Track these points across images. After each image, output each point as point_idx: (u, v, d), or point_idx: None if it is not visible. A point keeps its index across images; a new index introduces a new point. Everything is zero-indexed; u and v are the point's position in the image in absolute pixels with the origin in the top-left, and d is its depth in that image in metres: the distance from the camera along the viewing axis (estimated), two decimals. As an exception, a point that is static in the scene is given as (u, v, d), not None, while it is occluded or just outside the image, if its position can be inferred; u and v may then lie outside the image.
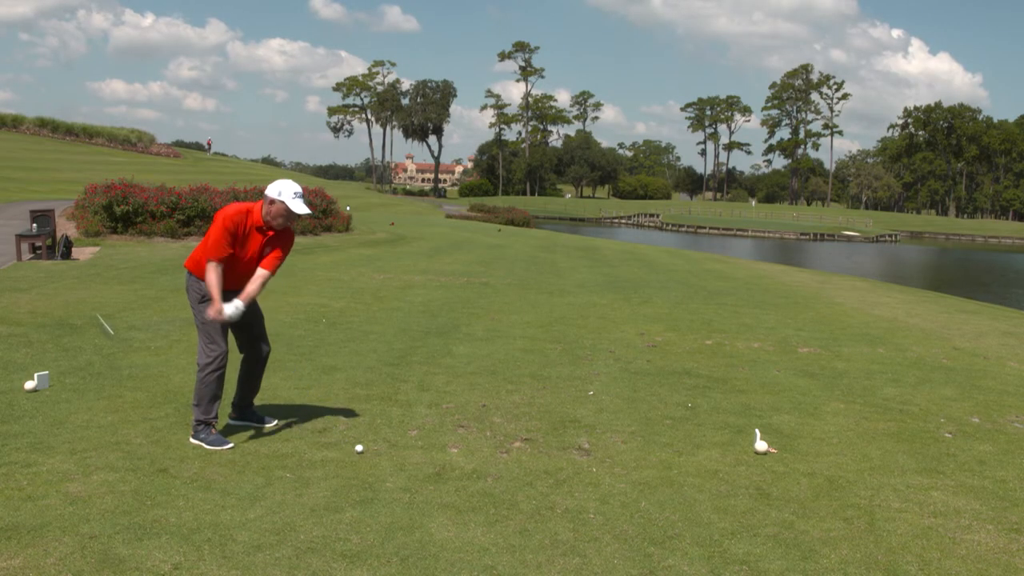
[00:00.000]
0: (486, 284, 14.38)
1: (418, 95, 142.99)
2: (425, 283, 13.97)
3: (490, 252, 22.14)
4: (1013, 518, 4.74)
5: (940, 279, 40.95)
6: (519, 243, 26.98)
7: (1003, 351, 10.38)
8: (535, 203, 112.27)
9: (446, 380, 7.17)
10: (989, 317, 14.53)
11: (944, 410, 7.05)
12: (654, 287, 15.55)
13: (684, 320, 11.32)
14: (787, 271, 24.25)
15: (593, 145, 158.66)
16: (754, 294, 15.42)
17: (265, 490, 4.63)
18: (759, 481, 5.11)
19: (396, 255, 19.33)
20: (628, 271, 19.10)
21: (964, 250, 78.85)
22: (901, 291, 20.13)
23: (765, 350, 9.36)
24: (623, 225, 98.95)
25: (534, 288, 14.20)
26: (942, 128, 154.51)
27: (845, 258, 56.12)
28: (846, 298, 15.88)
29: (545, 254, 22.91)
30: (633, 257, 24.29)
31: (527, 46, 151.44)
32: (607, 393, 7.01)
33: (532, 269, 17.95)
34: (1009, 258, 66.32)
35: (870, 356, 9.34)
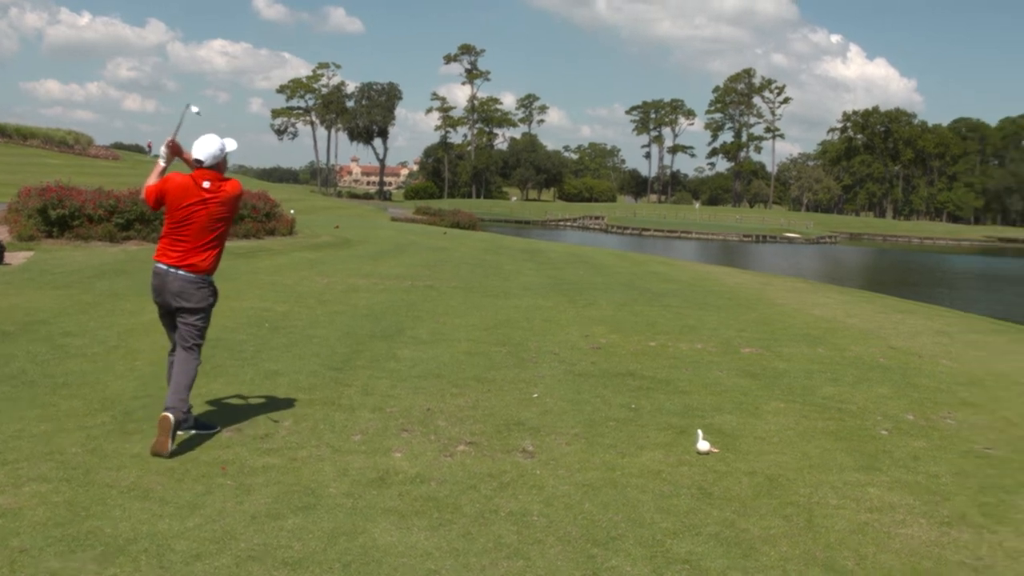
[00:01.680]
0: (431, 287, 14.33)
1: (363, 97, 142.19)
2: (369, 286, 13.89)
3: (435, 255, 22.08)
4: (944, 512, 4.85)
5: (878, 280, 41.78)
6: (464, 246, 26.95)
7: (936, 349, 10.62)
8: (481, 206, 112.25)
9: (390, 384, 7.13)
10: (923, 316, 14.85)
11: (881, 408, 7.19)
12: (599, 289, 15.62)
13: (628, 322, 11.40)
14: (730, 273, 24.54)
15: (539, 148, 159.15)
16: (698, 295, 15.58)
17: (205, 498, 4.56)
18: (701, 481, 5.16)
19: (340, 258, 19.18)
20: (573, 273, 19.17)
21: (901, 251, 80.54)
22: (840, 292, 20.48)
23: (708, 351, 9.46)
24: (568, 227, 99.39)
25: (479, 291, 14.18)
26: (879, 132, 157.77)
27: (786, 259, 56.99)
28: (787, 299, 16.12)
29: (490, 257, 22.91)
30: (578, 259, 24.39)
31: (473, 49, 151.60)
32: (551, 395, 7.02)
33: (477, 272, 17.94)
34: (942, 259, 67.88)
35: (810, 356, 9.49)
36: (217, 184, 5.55)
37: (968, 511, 4.89)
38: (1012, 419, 7.11)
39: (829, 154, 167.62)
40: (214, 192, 5.52)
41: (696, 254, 54.48)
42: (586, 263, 23.03)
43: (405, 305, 11.91)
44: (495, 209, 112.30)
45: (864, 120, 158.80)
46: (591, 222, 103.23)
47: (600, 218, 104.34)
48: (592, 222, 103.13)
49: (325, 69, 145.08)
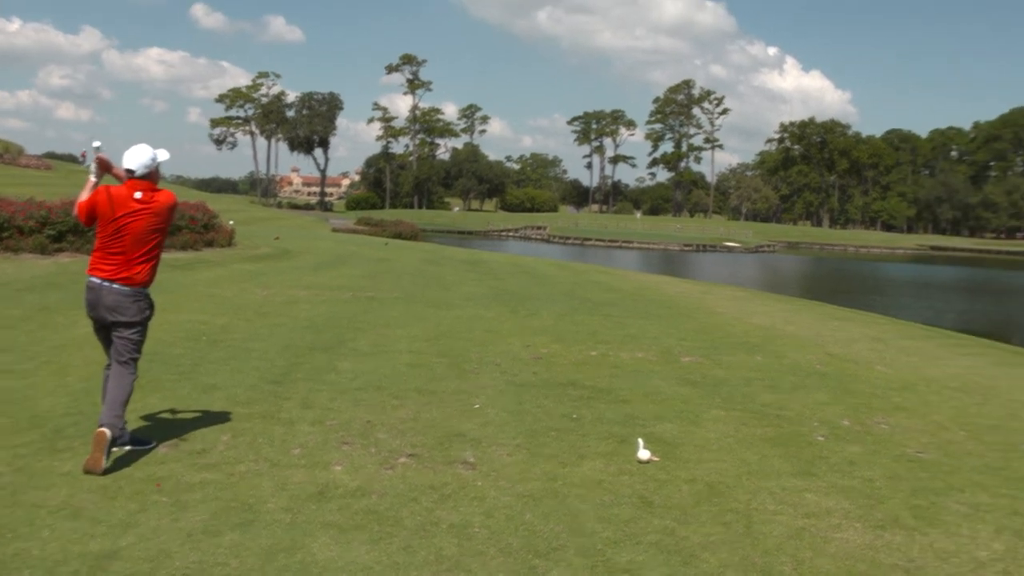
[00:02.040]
0: (372, 298, 14.25)
1: (304, 107, 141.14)
2: (310, 298, 13.76)
3: (377, 266, 21.97)
4: (879, 515, 4.95)
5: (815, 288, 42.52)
6: (406, 256, 26.86)
7: (871, 356, 10.84)
8: (423, 216, 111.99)
9: (330, 397, 7.07)
10: (859, 324, 15.16)
11: (817, 414, 7.31)
12: (541, 299, 15.67)
13: (570, 332, 11.44)
14: (671, 282, 24.79)
15: (481, 158, 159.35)
16: (639, 305, 15.71)
17: (139, 516, 4.47)
18: (642, 489, 5.19)
19: (280, 270, 18.99)
20: (515, 283, 19.21)
21: (837, 259, 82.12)
22: (778, 300, 20.82)
23: (649, 360, 9.53)
24: (511, 238, 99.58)
25: (421, 302, 14.14)
26: (816, 143, 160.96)
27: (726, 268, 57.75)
28: (727, 307, 16.33)
29: (432, 267, 22.86)
30: (520, 270, 24.46)
31: (414, 59, 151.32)
32: (493, 406, 7.02)
33: (419, 282, 17.88)
34: (876, 267, 69.35)
35: (749, 364, 9.62)
36: (149, 195, 5.45)
37: (901, 514, 4.99)
38: (942, 423, 7.29)
39: (767, 164, 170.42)
40: (146, 203, 5.42)
41: (638, 264, 54.96)
42: (528, 273, 23.10)
43: (346, 317, 11.82)
44: (437, 220, 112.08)
45: (801, 131, 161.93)
46: (533, 232, 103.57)
47: (542, 228, 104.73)
48: (534, 232, 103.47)
49: (265, 79, 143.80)
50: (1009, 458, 6.31)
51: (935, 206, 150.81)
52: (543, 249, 70.81)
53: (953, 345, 13.30)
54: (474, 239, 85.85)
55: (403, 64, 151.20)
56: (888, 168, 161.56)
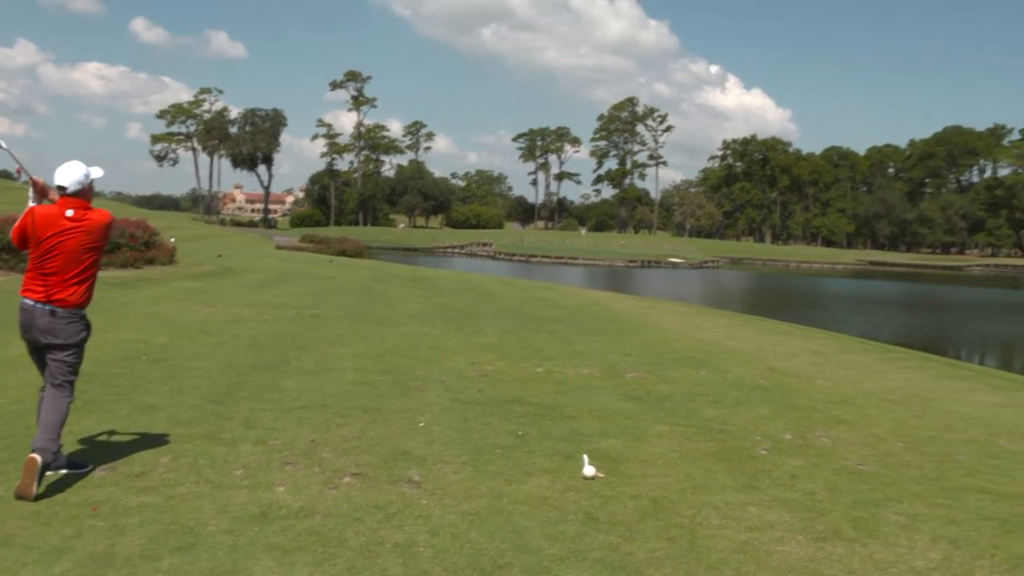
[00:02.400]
0: (317, 316, 14.15)
1: (247, 123, 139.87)
2: (253, 316, 13.62)
3: (321, 283, 21.81)
4: (820, 527, 5.03)
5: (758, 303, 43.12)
6: (351, 274, 26.71)
7: (812, 370, 11.02)
8: (368, 233, 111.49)
9: (274, 416, 6.99)
10: (800, 338, 15.41)
11: (760, 428, 7.41)
12: (486, 316, 15.68)
13: (515, 348, 11.46)
14: (616, 298, 24.97)
15: (426, 175, 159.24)
16: (584, 321, 15.79)
17: (74, 542, 4.36)
18: (587, 506, 5.21)
19: (223, 288, 18.76)
20: (460, 300, 19.21)
21: (779, 275, 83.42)
22: (722, 315, 21.07)
23: (594, 376, 9.59)
24: (456, 255, 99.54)
25: (366, 319, 14.07)
26: (757, 160, 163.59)
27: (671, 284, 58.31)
28: (671, 323, 16.49)
29: (377, 284, 22.76)
30: (466, 286, 24.46)
31: (359, 75, 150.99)
32: (438, 424, 7.00)
33: (364, 300, 17.79)
34: (817, 282, 70.54)
35: (693, 379, 9.72)
36: (82, 213, 5.32)
37: (841, 526, 5.07)
38: (881, 435, 7.43)
39: (710, 181, 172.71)
40: (78, 221, 5.29)
41: (583, 280, 55.26)
42: (473, 290, 23.10)
43: (290, 335, 11.71)
44: (382, 237, 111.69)
45: (743, 148, 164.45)
46: (479, 249, 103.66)
47: (488, 245, 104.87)
48: (480, 249, 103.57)
49: (207, 94, 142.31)
50: (945, 468, 6.45)
51: (873, 222, 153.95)
52: (489, 266, 70.88)
53: (892, 359, 13.57)
54: (419, 256, 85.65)
55: (348, 80, 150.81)
56: (828, 185, 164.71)
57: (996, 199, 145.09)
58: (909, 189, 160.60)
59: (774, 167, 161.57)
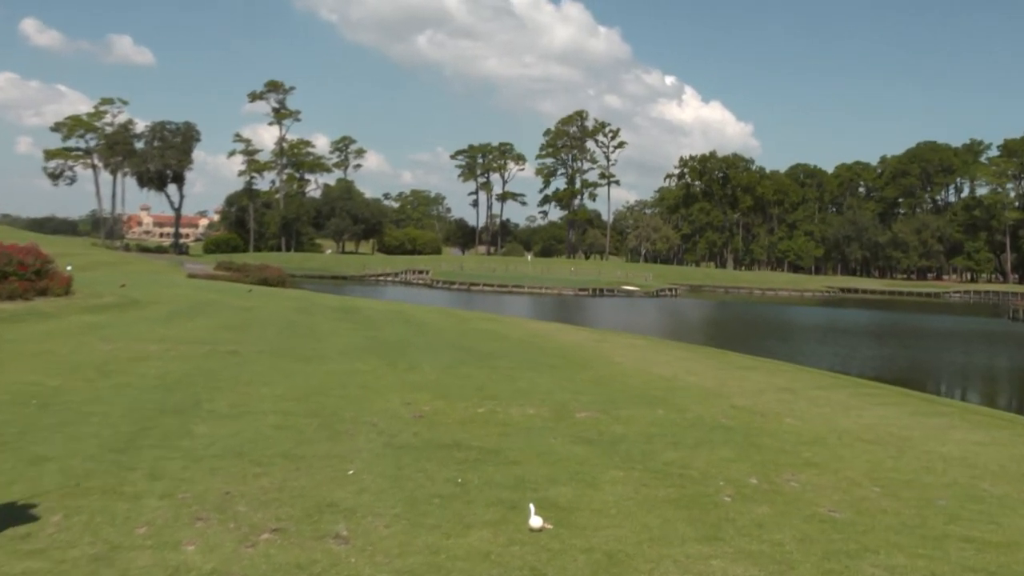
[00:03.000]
0: (234, 352, 13.98)
1: (155, 138, 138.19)
2: (161, 353, 13.40)
3: (239, 316, 21.58)
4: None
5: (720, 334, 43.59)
6: (272, 305, 26.47)
7: (779, 407, 11.14)
8: (291, 260, 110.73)
9: (183, 465, 6.85)
10: (766, 372, 15.58)
11: (723, 472, 7.45)
12: (422, 351, 15.64)
13: (454, 386, 11.43)
14: (564, 330, 25.06)
15: (356, 195, 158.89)
16: (530, 355, 15.81)
17: (-50, 613, 4.22)
18: (533, 561, 5.17)
19: (127, 322, 18.45)
20: (394, 333, 19.13)
21: (743, 303, 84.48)
22: (680, 348, 21.25)
23: (541, 416, 9.58)
24: (389, 283, 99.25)
25: (289, 355, 13.94)
26: (717, 178, 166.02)
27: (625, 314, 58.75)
28: (625, 357, 16.57)
29: (302, 317, 22.59)
30: (400, 318, 24.37)
31: (281, 86, 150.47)
32: (369, 472, 6.92)
33: (287, 334, 17.64)
34: (783, 311, 71.62)
35: (649, 418, 9.76)
36: None
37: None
38: (855, 478, 7.51)
39: (667, 201, 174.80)
40: None
41: (529, 310, 55.39)
42: (408, 322, 23.03)
43: (203, 374, 11.55)
44: (307, 263, 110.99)
45: (701, 166, 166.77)
46: (414, 277, 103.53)
47: (424, 272, 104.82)
48: (415, 277, 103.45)
49: (109, 105, 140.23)
50: (925, 515, 6.53)
51: (844, 245, 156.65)
52: (425, 295, 70.74)
53: (865, 394, 13.78)
54: (349, 285, 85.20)
55: (268, 91, 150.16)
56: (794, 205, 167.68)
57: (974, 220, 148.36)
58: (881, 210, 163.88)
59: (735, 186, 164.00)
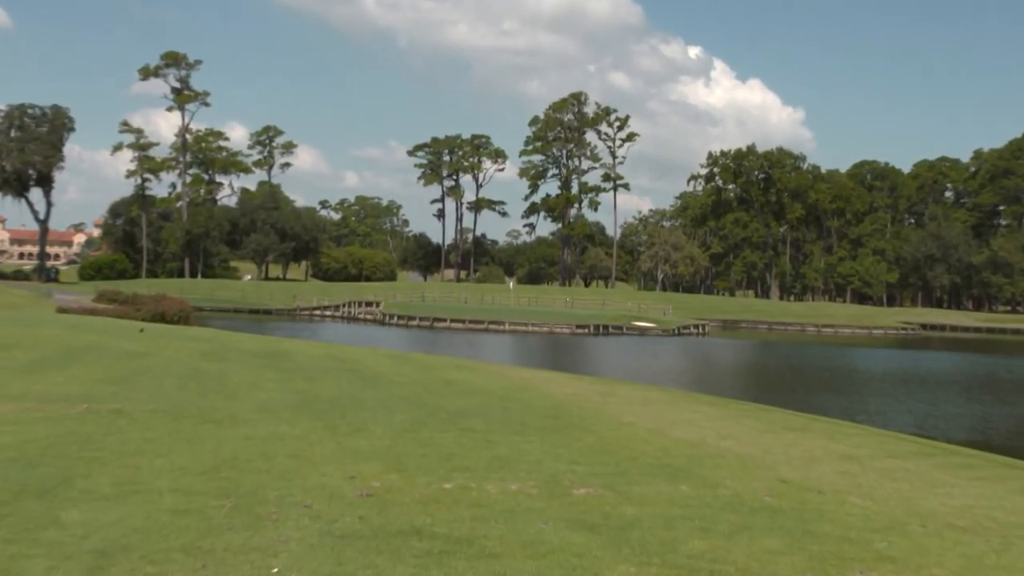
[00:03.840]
0: (119, 412, 13.91)
1: (12, 126, 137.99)
2: (19, 416, 13.31)
3: (127, 364, 21.50)
4: None
5: (761, 385, 43.65)
6: (172, 349, 26.38)
7: (842, 482, 11.12)
8: (198, 289, 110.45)
9: (48, 566, 6.80)
10: (823, 436, 15.59)
11: (768, 568, 7.42)
12: (371, 408, 15.59)
13: (414, 455, 11.39)
14: (558, 379, 25.02)
15: (283, 204, 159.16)
16: (513, 414, 15.77)
17: None
18: None
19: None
20: (334, 386, 19.08)
21: (791, 344, 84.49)
22: (711, 403, 21.25)
23: (527, 494, 9.54)
24: (328, 319, 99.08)
25: (193, 416, 13.88)
26: (758, 180, 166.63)
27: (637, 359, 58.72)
28: (638, 415, 16.55)
29: (212, 364, 22.52)
30: (342, 366, 24.32)
31: (183, 59, 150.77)
32: (300, 570, 6.89)
33: (191, 387, 17.57)
34: (845, 354, 71.76)
35: (670, 496, 9.73)
36: None
37: None
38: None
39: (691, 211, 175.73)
40: None
41: (512, 354, 55.39)
42: (353, 371, 22.98)
43: (77, 441, 11.47)
44: (219, 293, 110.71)
45: (737, 164, 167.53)
46: (361, 311, 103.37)
47: (374, 304, 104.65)
48: (362, 311, 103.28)
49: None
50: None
51: (925, 268, 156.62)
52: (375, 335, 70.62)
53: (957, 465, 13.79)
54: (275, 321, 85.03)
55: (166, 66, 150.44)
56: (859, 216, 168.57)
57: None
58: (975, 221, 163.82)
59: (781, 191, 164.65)
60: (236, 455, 11.04)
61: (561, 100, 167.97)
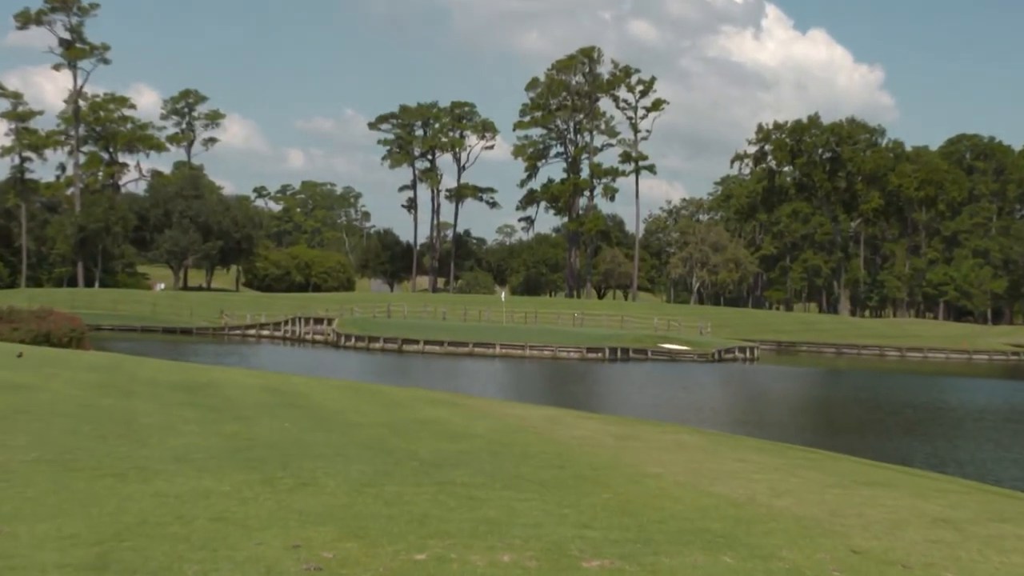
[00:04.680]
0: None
1: None
2: None
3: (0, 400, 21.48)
4: None
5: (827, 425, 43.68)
6: (61, 380, 26.34)
7: (934, 553, 11.12)
8: (96, 301, 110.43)
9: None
10: (910, 492, 15.58)
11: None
12: (322, 456, 15.59)
13: (377, 517, 11.38)
14: (563, 418, 25.03)
15: (208, 191, 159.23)
16: (505, 463, 15.78)
17: None
18: None
19: None
20: (274, 428, 19.08)
21: (865, 373, 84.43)
22: (762, 449, 21.26)
23: (524, 567, 9.54)
24: (267, 340, 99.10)
25: (88, 467, 13.86)
26: (822, 161, 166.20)
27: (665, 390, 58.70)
28: (667, 464, 16.56)
29: (113, 400, 22.50)
30: (284, 401, 24.32)
31: (75, 1, 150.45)
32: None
33: (86, 430, 17.54)
34: (937, 386, 71.75)
35: (708, 570, 9.73)
36: None
37: None
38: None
39: (736, 201, 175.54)
40: None
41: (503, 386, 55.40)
42: (299, 408, 22.99)
43: (-65, 501, 11.46)
44: (124, 308, 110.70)
45: (795, 141, 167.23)
46: (309, 329, 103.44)
47: (325, 322, 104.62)
48: (311, 329, 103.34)
49: None
50: None
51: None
52: (328, 361, 70.62)
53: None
54: (196, 343, 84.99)
55: (52, 10, 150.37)
56: (956, 206, 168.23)
57: None
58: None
59: (853, 174, 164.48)
60: (144, 518, 11.02)
61: (567, 58, 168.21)
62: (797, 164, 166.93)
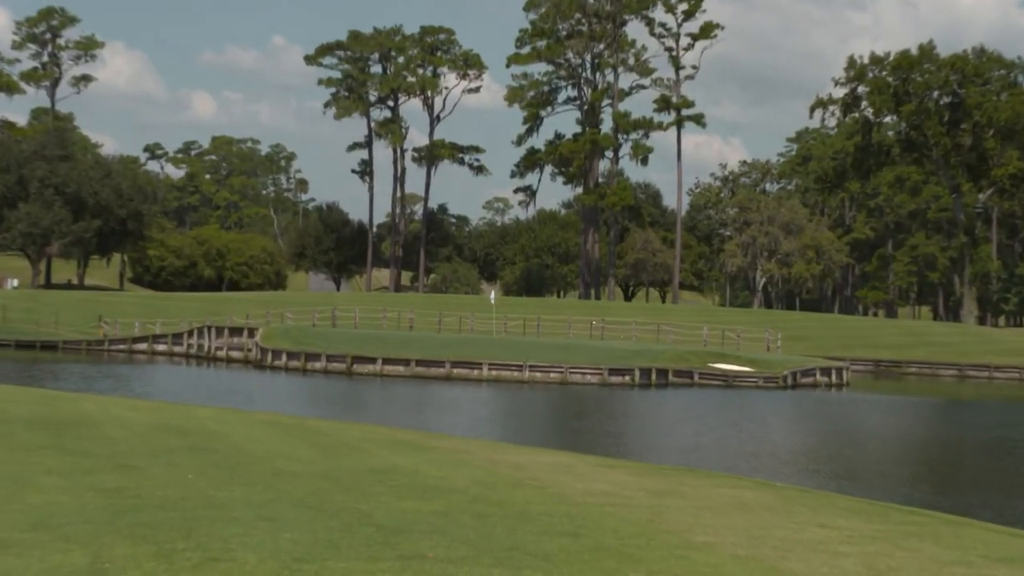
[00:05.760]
0: None
1: None
2: None
3: None
4: None
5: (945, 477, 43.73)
6: None
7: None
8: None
9: None
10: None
11: None
12: (240, 520, 15.57)
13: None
14: (576, 466, 25.09)
15: (81, 150, 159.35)
16: (496, 529, 15.79)
17: None
18: None
19: None
20: (173, 480, 19.10)
21: (1001, 403, 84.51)
22: (854, 510, 21.29)
23: None
24: (162, 357, 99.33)
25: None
26: (938, 109, 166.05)
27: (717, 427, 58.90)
28: (720, 532, 16.57)
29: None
30: (186, 442, 24.36)
31: None
32: None
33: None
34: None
35: None
36: None
37: None
38: None
39: (817, 165, 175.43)
40: None
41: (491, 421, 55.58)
42: (207, 451, 23.04)
43: None
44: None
45: (900, 80, 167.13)
46: (222, 342, 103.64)
47: (245, 333, 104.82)
48: (225, 342, 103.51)
49: None
50: None
51: None
52: (249, 386, 70.87)
53: None
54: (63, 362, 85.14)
55: None
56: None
57: None
58: None
59: (982, 127, 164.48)
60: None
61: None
62: (903, 113, 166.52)
